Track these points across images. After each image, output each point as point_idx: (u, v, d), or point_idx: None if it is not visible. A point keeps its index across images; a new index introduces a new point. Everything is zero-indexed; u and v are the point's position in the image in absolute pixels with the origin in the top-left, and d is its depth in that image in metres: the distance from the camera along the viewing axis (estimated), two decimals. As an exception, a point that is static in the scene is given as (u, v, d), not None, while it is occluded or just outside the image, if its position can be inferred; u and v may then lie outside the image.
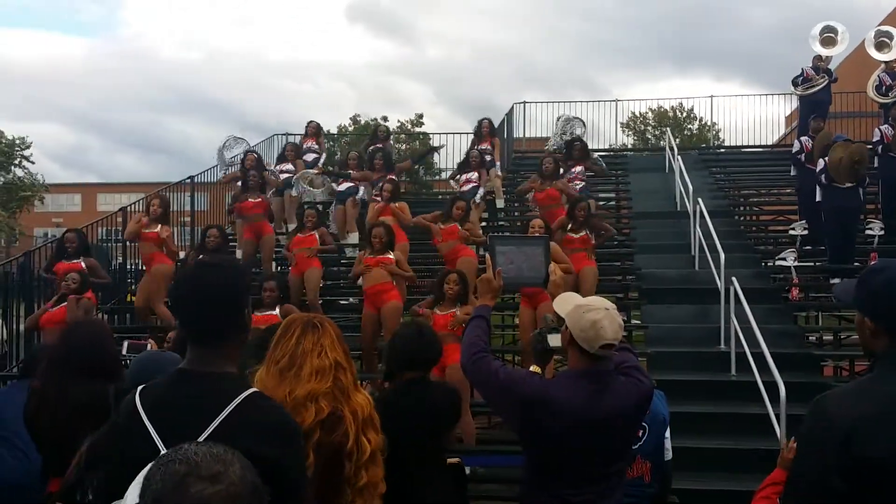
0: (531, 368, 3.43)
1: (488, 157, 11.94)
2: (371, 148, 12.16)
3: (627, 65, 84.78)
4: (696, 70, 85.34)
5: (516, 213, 12.85)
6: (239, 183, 10.67)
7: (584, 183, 10.59)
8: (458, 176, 11.51)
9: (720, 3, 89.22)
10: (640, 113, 34.77)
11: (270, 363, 2.64)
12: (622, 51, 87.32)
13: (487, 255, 3.23)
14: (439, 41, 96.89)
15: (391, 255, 7.86)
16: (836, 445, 1.96)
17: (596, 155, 12.70)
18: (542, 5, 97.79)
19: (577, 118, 13.79)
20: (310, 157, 12.74)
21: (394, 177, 10.70)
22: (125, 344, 5.25)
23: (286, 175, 11.94)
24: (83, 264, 8.32)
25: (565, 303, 2.98)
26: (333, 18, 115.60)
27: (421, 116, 35.27)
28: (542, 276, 3.27)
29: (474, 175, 11.20)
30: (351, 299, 10.22)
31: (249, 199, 9.82)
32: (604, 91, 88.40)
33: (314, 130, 13.16)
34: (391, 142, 12.65)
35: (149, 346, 5.07)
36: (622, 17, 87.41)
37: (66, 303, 7.25)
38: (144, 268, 9.48)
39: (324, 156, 13.15)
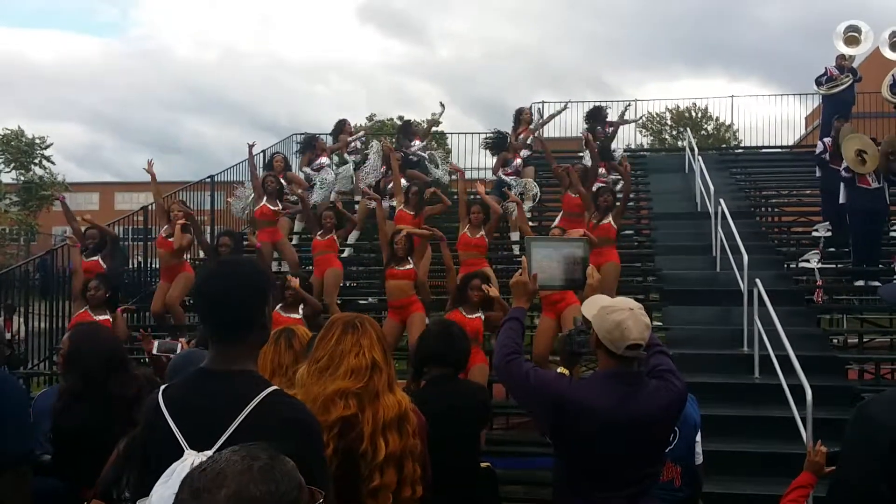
0: (559, 370, 3.40)
1: (527, 152, 11.90)
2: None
3: (640, 65, 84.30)
4: (709, 70, 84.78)
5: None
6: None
7: (604, 185, 10.49)
8: (505, 166, 11.59)
9: (733, 2, 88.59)
10: (656, 113, 34.67)
11: (311, 363, 2.66)
12: (635, 50, 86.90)
13: (524, 257, 3.17)
14: (451, 41, 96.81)
15: (411, 266, 7.88)
16: (883, 451, 1.91)
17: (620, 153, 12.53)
18: (554, 4, 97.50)
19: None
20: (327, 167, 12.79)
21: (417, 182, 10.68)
22: (156, 343, 5.26)
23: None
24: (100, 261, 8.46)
25: (592, 305, 2.95)
26: (345, 18, 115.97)
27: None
28: (579, 279, 3.18)
29: (517, 162, 11.43)
30: (371, 299, 10.20)
31: (266, 205, 9.84)
32: (616, 91, 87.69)
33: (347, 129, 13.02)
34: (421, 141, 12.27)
35: (179, 346, 5.09)
36: (634, 17, 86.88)
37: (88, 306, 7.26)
38: (160, 276, 9.51)
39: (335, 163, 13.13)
